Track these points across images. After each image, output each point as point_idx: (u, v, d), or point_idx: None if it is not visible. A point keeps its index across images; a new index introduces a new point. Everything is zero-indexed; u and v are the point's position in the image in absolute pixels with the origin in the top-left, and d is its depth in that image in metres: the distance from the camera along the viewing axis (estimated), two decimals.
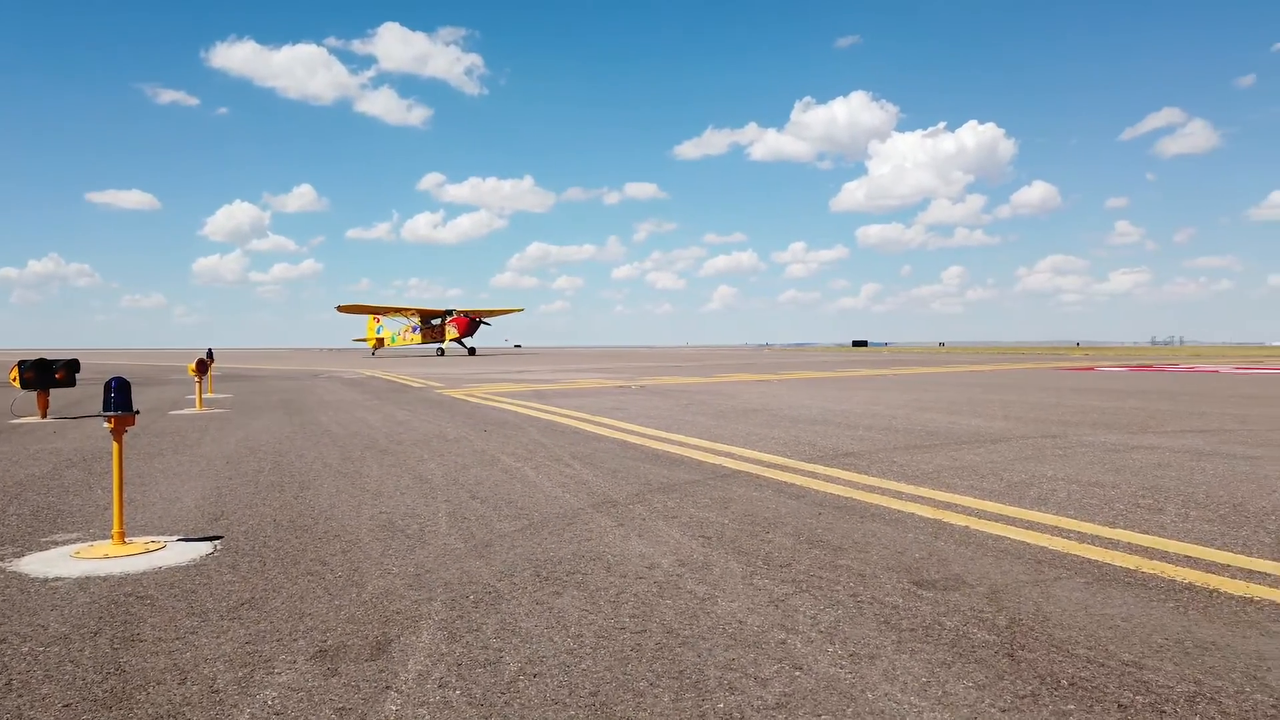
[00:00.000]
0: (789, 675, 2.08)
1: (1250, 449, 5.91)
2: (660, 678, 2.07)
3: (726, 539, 3.50)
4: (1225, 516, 3.77)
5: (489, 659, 2.20)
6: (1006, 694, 1.97)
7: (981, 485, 4.64)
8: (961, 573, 2.99)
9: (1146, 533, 3.52)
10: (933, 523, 3.77)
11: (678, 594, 2.76)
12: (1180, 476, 4.81)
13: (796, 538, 3.52)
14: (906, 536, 3.53)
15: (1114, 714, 1.87)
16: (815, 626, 2.44)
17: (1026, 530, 3.60)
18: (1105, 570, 3.01)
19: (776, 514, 3.98)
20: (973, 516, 3.86)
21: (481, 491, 4.58)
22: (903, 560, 3.16)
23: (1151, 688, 2.01)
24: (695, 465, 5.51)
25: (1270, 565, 3.01)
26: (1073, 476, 4.87)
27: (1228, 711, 1.88)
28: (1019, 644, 2.29)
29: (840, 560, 3.16)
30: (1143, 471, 5.01)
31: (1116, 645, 2.28)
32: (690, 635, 2.37)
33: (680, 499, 4.36)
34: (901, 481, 4.78)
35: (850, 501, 4.26)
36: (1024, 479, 4.81)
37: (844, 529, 3.67)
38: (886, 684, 2.03)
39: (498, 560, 3.19)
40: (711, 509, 4.10)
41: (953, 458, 5.69)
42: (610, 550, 3.32)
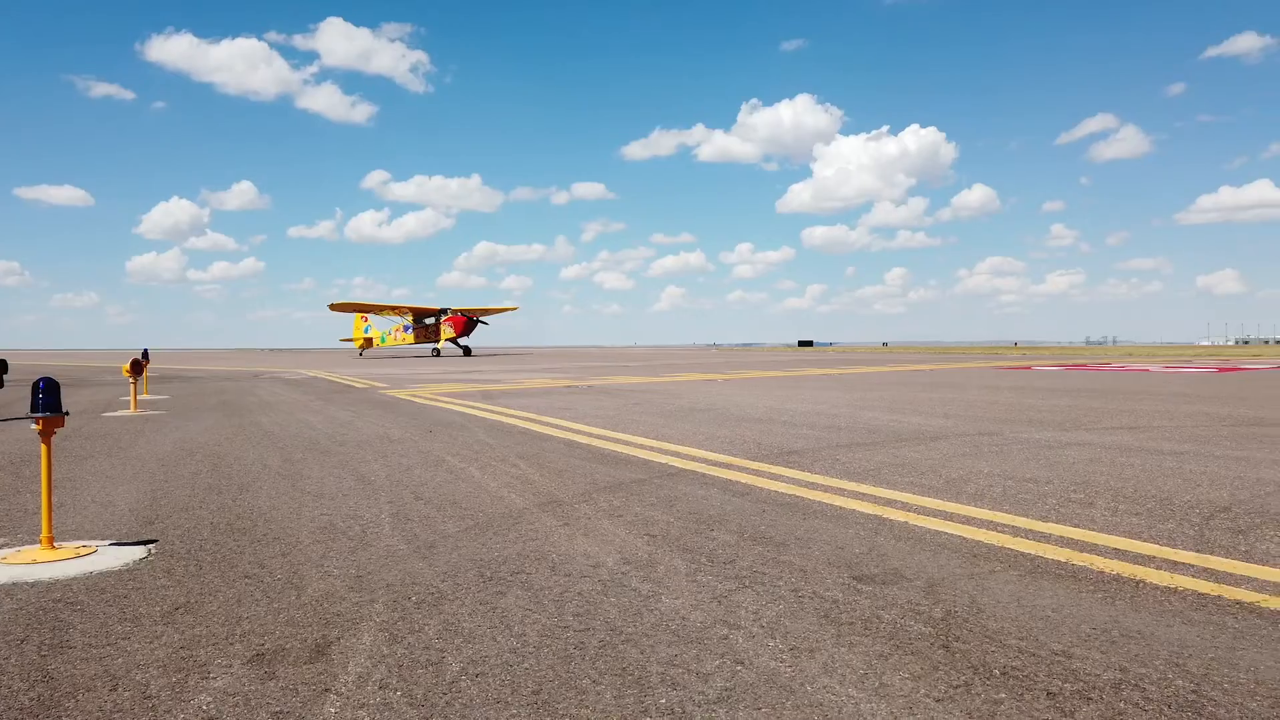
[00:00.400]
0: (730, 670, 2.11)
1: (1177, 445, 6.12)
2: (603, 675, 2.08)
3: (672, 537, 3.52)
4: (1152, 510, 3.91)
5: (431, 659, 2.19)
6: (941, 684, 2.02)
7: (921, 482, 4.74)
8: (900, 567, 3.05)
9: (1077, 526, 3.62)
10: (873, 519, 3.84)
11: (622, 592, 2.77)
12: (1110, 472, 4.96)
13: (741, 535, 3.55)
14: (848, 532, 3.58)
15: (1043, 701, 1.93)
16: (757, 621, 2.47)
17: (963, 525, 3.68)
18: (1038, 563, 3.09)
19: (722, 512, 4.02)
20: (912, 512, 3.94)
21: (426, 492, 4.54)
22: (843, 556, 3.21)
23: (1079, 675, 2.08)
24: (642, 464, 5.52)
25: (1193, 556, 3.13)
26: (1008, 473, 5.00)
27: (1150, 697, 1.95)
28: (954, 635, 2.35)
29: (783, 556, 3.20)
30: (1075, 467, 5.16)
31: (1047, 635, 2.35)
32: (634, 632, 2.38)
33: (626, 498, 4.37)
34: (844, 479, 4.86)
35: (794, 499, 4.32)
36: (961, 475, 4.92)
37: (787, 526, 3.72)
38: (825, 676, 2.07)
39: (441, 561, 3.16)
40: (657, 507, 4.12)
41: (894, 455, 5.80)
42: (555, 550, 3.32)
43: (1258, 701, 1.92)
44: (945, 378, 17.51)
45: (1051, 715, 1.86)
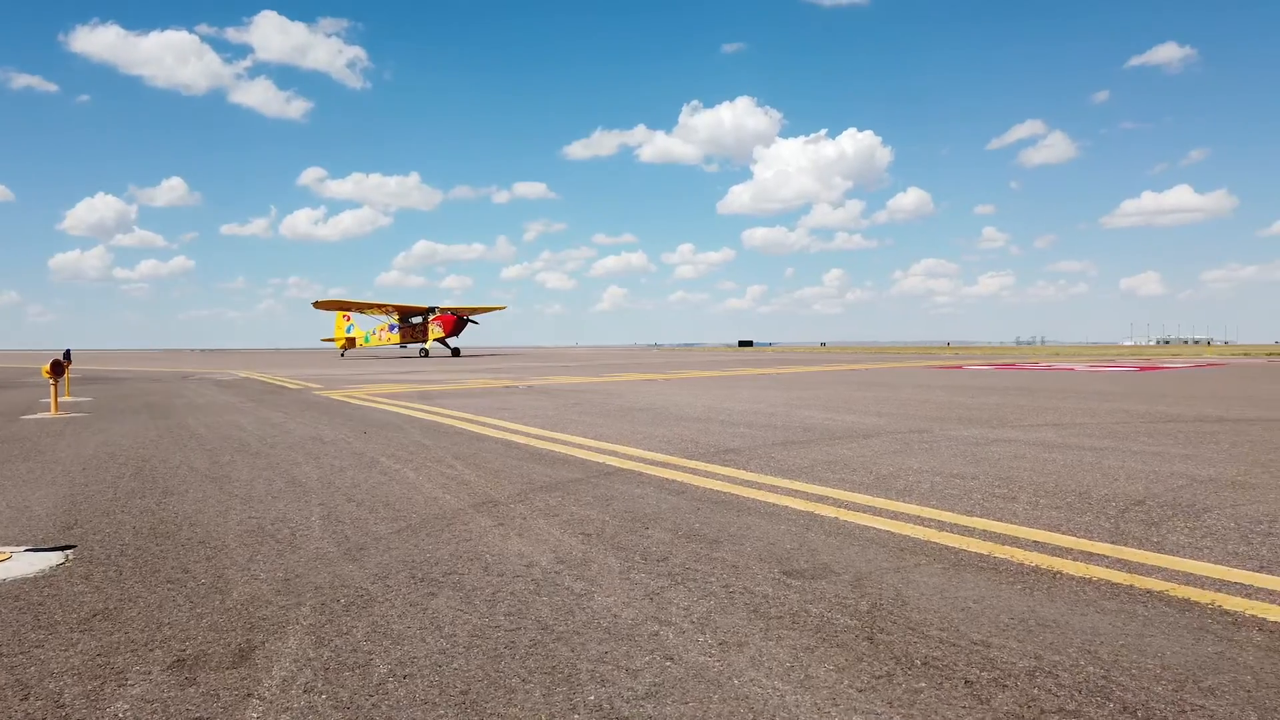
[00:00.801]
0: (660, 665, 2.13)
1: (1097, 441, 6.33)
2: (532, 673, 2.09)
3: (606, 535, 3.53)
4: (1071, 504, 4.04)
5: (358, 662, 2.16)
6: (864, 675, 2.07)
7: (852, 478, 4.82)
8: (829, 562, 3.11)
9: (1000, 520, 3.73)
10: (805, 515, 3.90)
11: (555, 591, 2.77)
12: (1033, 467, 5.12)
13: (675, 532, 3.58)
14: (780, 528, 3.64)
15: (961, 690, 1.99)
16: (688, 617, 2.49)
17: (891, 520, 3.76)
18: (961, 556, 3.18)
19: (657, 510, 4.04)
20: (843, 508, 4.02)
21: (358, 494, 4.48)
22: (775, 551, 3.26)
23: (996, 664, 2.14)
24: (579, 464, 5.52)
25: (1107, 548, 3.25)
26: (936, 469, 5.12)
27: (1063, 683, 2.03)
28: (878, 627, 2.41)
29: (716, 553, 3.24)
30: (1000, 463, 5.31)
31: (967, 626, 2.42)
32: (565, 631, 2.39)
33: (562, 497, 4.37)
34: (778, 476, 4.92)
35: (729, 496, 4.36)
36: (891, 471, 5.03)
37: (721, 523, 3.75)
38: (753, 670, 2.10)
39: (372, 563, 3.13)
40: (593, 507, 4.13)
41: (827, 452, 5.89)
42: (489, 550, 3.31)
43: (1163, 685, 2.01)
44: (880, 377, 17.83)
45: (969, 703, 1.92)
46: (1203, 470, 4.90)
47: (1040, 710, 1.88)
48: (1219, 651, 2.21)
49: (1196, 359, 32.55)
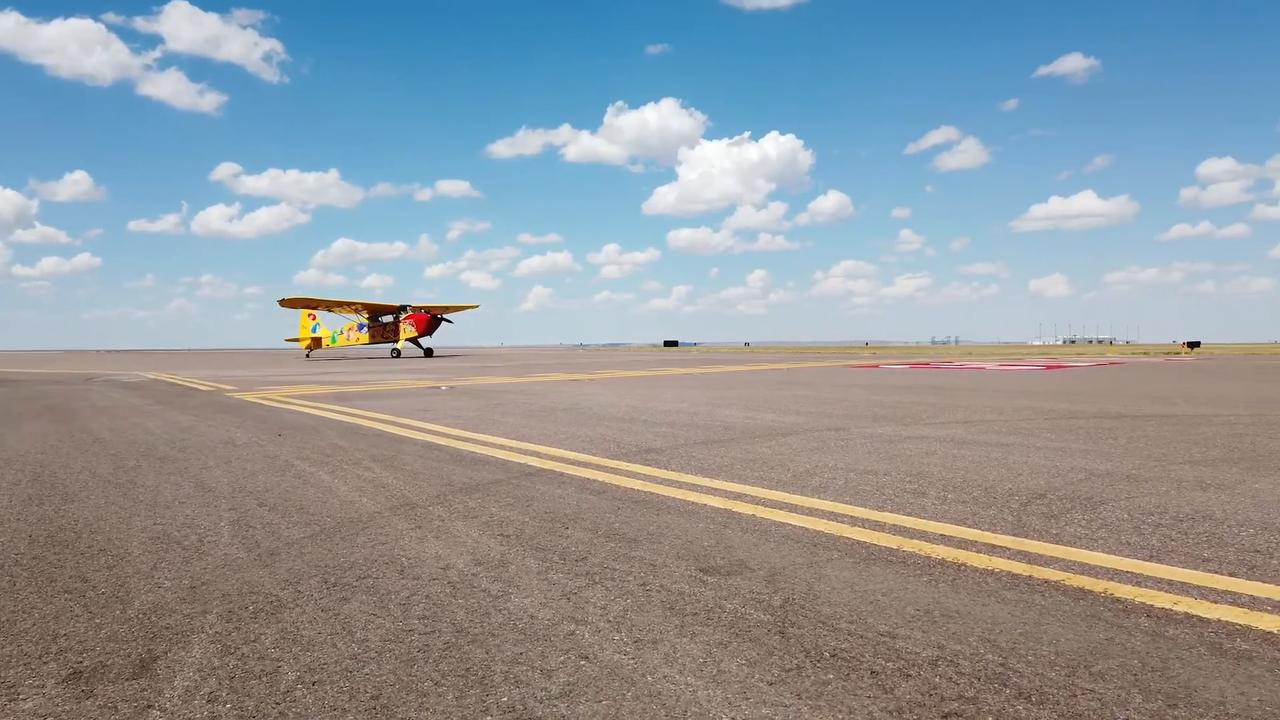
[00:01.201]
0: (575, 665, 2.14)
1: (1004, 437, 6.57)
2: (446, 676, 2.07)
3: (526, 536, 3.52)
4: (977, 498, 4.19)
5: (265, 670, 2.12)
6: (775, 668, 2.12)
7: (770, 476, 4.91)
8: (745, 558, 3.16)
9: (910, 515, 3.85)
10: (723, 512, 3.95)
11: (471, 593, 2.75)
12: (943, 463, 5.28)
13: (595, 532, 3.59)
14: (698, 526, 3.68)
15: (867, 680, 2.05)
16: (604, 616, 2.51)
17: (806, 516, 3.84)
18: (872, 550, 3.27)
19: (577, 510, 4.05)
20: (760, 505, 4.08)
21: (270, 499, 4.37)
22: (692, 549, 3.30)
23: (901, 654, 2.21)
24: (500, 465, 5.49)
25: (1010, 540, 3.38)
26: (851, 465, 5.24)
27: (963, 671, 2.11)
28: (790, 622, 2.46)
29: (634, 552, 3.26)
30: (911, 459, 5.47)
31: (875, 618, 2.49)
32: (480, 633, 2.38)
33: (483, 499, 4.34)
34: (698, 475, 4.98)
35: (649, 495, 4.39)
36: (808, 469, 5.13)
37: (640, 522, 3.78)
38: (666, 667, 2.12)
39: (283, 568, 3.06)
40: (513, 508, 4.11)
41: (747, 451, 5.98)
42: (405, 553, 3.27)
43: (1056, 671, 2.10)
44: (800, 376, 18.15)
45: (874, 693, 1.98)
46: (1101, 465, 5.13)
47: (941, 698, 1.95)
48: (1109, 637, 2.33)
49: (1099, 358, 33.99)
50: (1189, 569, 2.94)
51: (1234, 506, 3.90)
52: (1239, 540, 3.31)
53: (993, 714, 1.87)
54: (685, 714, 1.87)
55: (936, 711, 1.89)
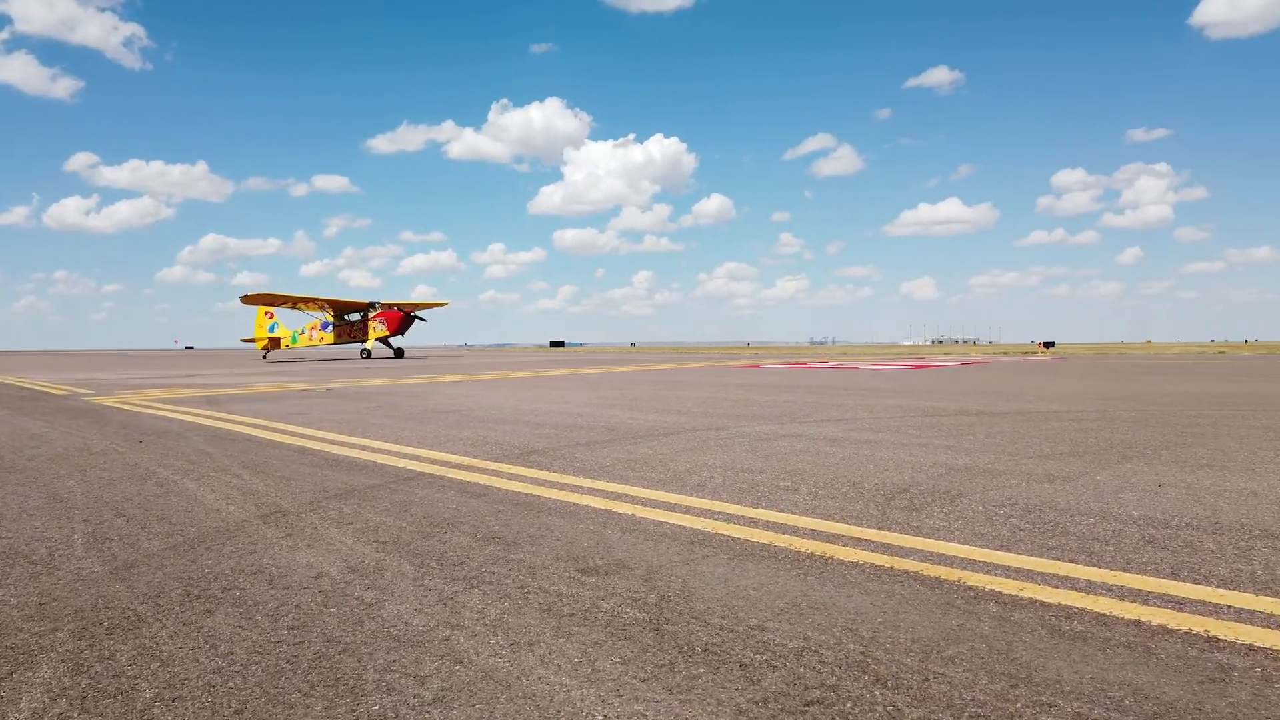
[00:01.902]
0: (449, 670, 2.13)
1: (872, 435, 6.86)
2: (315, 687, 2.03)
3: (402, 542, 3.47)
4: (845, 494, 4.36)
5: (121, 688, 2.03)
6: (648, 665, 2.17)
7: (650, 475, 4.98)
8: (624, 558, 3.21)
9: (783, 511, 3.98)
10: (603, 513, 3.99)
11: (344, 601, 2.70)
12: (815, 460, 5.48)
13: (473, 536, 3.57)
14: (578, 527, 3.71)
15: (736, 673, 2.12)
16: (481, 620, 2.50)
17: (685, 515, 3.92)
18: (745, 546, 3.37)
19: (456, 514, 4.01)
20: (640, 505, 4.14)
21: (129, 509, 4.15)
22: (571, 550, 3.32)
23: (769, 646, 2.30)
24: (378, 469, 5.38)
25: (874, 534, 3.54)
26: (729, 464, 5.38)
27: (826, 660, 2.20)
28: (664, 619, 2.52)
29: (513, 555, 3.26)
30: (786, 457, 5.64)
31: (746, 612, 2.58)
32: (352, 641, 2.34)
33: (358, 504, 4.24)
34: (579, 476, 5.00)
35: (530, 497, 4.39)
36: (687, 468, 5.24)
37: (520, 524, 3.78)
38: (541, 668, 2.14)
39: (142, 581, 2.92)
40: (390, 513, 4.04)
41: (629, 451, 6.04)
42: (275, 562, 3.17)
43: (911, 657, 2.22)
44: (684, 376, 18.42)
45: (741, 685, 2.05)
46: (960, 460, 5.43)
47: (805, 687, 2.04)
48: (960, 623, 2.48)
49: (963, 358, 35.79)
50: (1035, 557, 3.15)
51: (1077, 497, 4.20)
52: (1080, 529, 3.56)
53: (851, 700, 1.97)
54: (558, 714, 1.90)
55: (800, 700, 1.97)
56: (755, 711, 1.91)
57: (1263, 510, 3.84)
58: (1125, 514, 3.81)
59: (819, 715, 1.89)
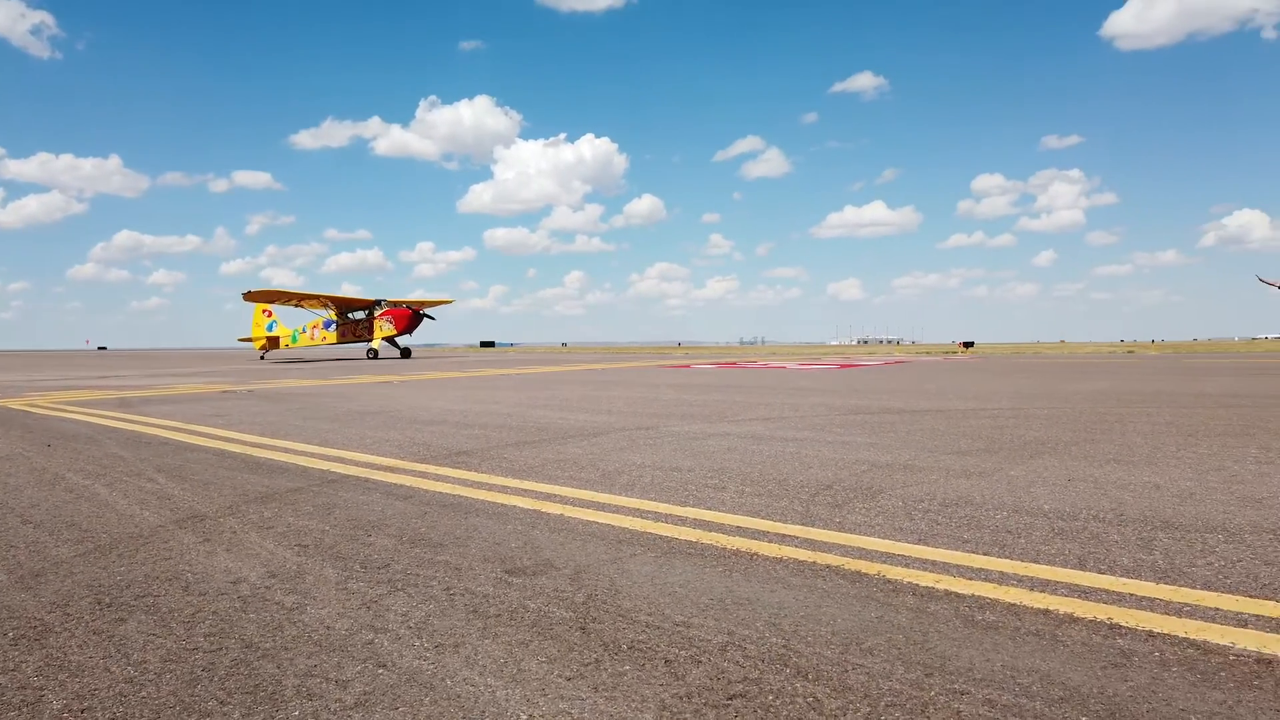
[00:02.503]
0: (372, 674, 2.11)
1: (798, 433, 6.98)
2: (232, 694, 1.99)
3: (325, 546, 3.41)
4: (771, 491, 4.44)
5: (26, 700, 1.95)
6: (574, 663, 2.18)
7: (580, 475, 4.99)
8: (552, 558, 3.21)
9: (710, 509, 4.03)
10: (532, 513, 3.99)
11: (264, 607, 2.64)
12: (743, 458, 5.55)
13: (399, 538, 3.53)
14: (506, 528, 3.69)
15: (661, 669, 2.15)
16: (405, 623, 2.48)
17: (613, 514, 3.94)
18: (673, 544, 3.40)
19: (382, 516, 3.96)
20: (568, 505, 4.15)
21: (36, 515, 3.99)
22: (499, 551, 3.31)
23: (694, 642, 2.33)
24: (301, 472, 5.27)
25: (798, 529, 3.61)
26: (658, 463, 5.41)
27: (749, 654, 2.24)
28: (591, 617, 2.53)
29: (439, 556, 3.23)
30: (714, 455, 5.71)
31: (672, 609, 2.61)
32: (272, 647, 2.29)
33: (280, 508, 4.15)
34: (508, 476, 4.98)
35: (458, 499, 4.36)
36: (617, 467, 5.26)
37: (447, 526, 3.75)
38: (467, 670, 2.14)
39: (50, 590, 2.81)
40: (313, 516, 3.96)
41: (558, 451, 6.04)
42: (191, 568, 3.09)
43: (832, 649, 2.28)
44: (614, 376, 18.45)
45: (666, 680, 2.08)
46: (882, 456, 5.56)
47: (728, 681, 2.08)
48: (879, 615, 2.54)
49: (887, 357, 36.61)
50: (951, 550, 3.25)
51: (991, 492, 4.34)
52: (994, 522, 3.69)
53: (773, 693, 2.01)
54: (483, 715, 1.89)
55: (723, 694, 2.00)
56: (679, 706, 1.94)
57: (1164, 502, 4.03)
58: (1036, 507, 3.96)
59: (741, 709, 1.93)
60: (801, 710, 1.92)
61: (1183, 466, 5.03)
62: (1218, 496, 4.13)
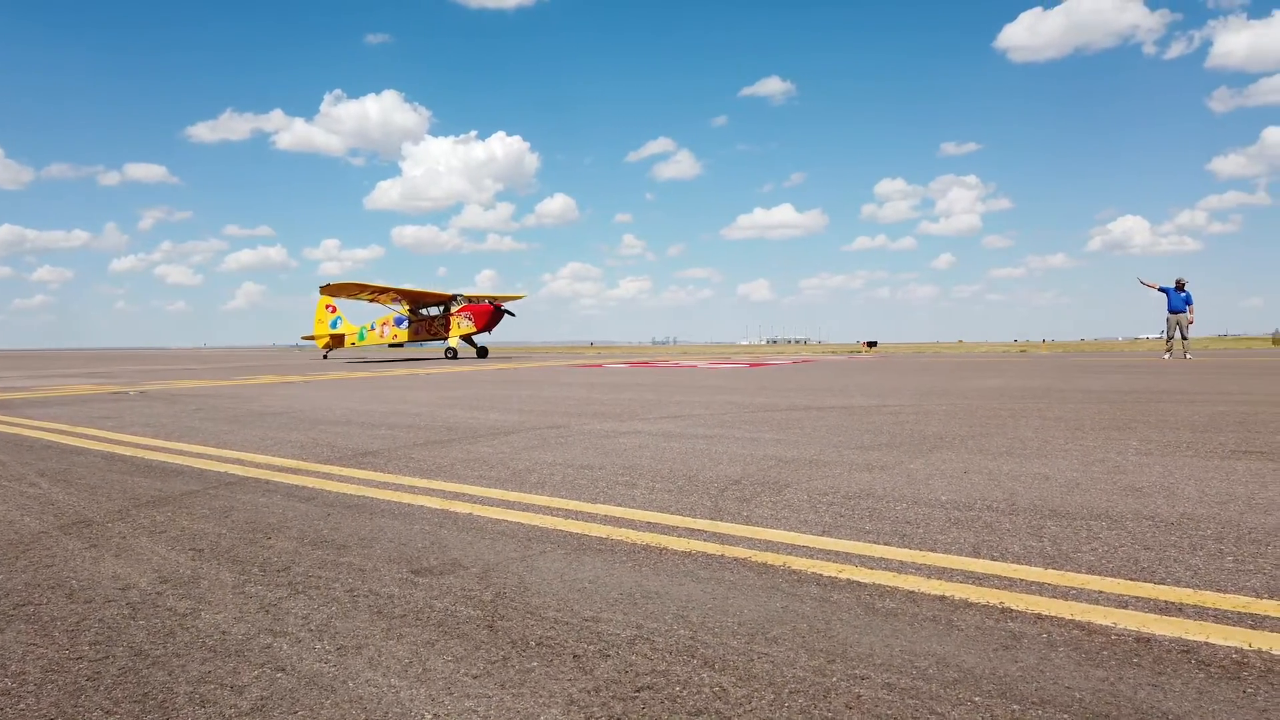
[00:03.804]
0: (269, 678, 2.05)
1: (708, 430, 7.06)
2: (119, 704, 1.90)
3: (222, 549, 3.29)
4: (681, 487, 4.48)
5: None
6: (481, 662, 2.15)
7: (490, 474, 4.94)
8: (459, 557, 3.17)
9: (621, 505, 4.04)
10: (440, 513, 3.93)
11: (155, 613, 2.54)
12: (654, 456, 5.59)
13: (301, 540, 3.43)
14: (413, 528, 3.63)
15: (569, 664, 2.15)
16: (306, 626, 2.41)
17: (523, 512, 3.92)
18: (583, 541, 3.40)
19: (283, 518, 3.84)
20: (478, 504, 4.10)
21: None
22: (405, 551, 3.25)
23: (603, 636, 2.33)
24: (197, 475, 5.07)
25: (707, 524, 3.65)
26: (569, 461, 5.40)
27: (657, 647, 2.26)
28: (499, 615, 2.51)
29: (343, 558, 3.16)
30: (626, 453, 5.73)
31: (581, 604, 2.60)
32: (163, 654, 2.20)
33: (173, 512, 3.99)
34: (416, 476, 4.90)
35: (363, 500, 4.26)
36: (527, 466, 5.22)
37: (352, 527, 3.66)
38: (370, 671, 2.09)
39: None
40: (209, 520, 3.82)
41: (468, 451, 5.96)
42: (76, 575, 2.94)
43: (738, 640, 2.31)
44: (526, 375, 18.33)
45: (574, 675, 2.08)
46: (789, 452, 5.67)
47: (636, 674, 2.09)
48: (784, 606, 2.60)
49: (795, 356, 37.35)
50: (853, 540, 3.34)
51: (892, 484, 4.48)
52: (894, 513, 3.81)
53: (680, 684, 2.03)
54: (386, 716, 1.86)
55: (631, 686, 2.01)
56: (586, 700, 1.94)
57: (1053, 492, 4.22)
58: (934, 498, 4.10)
59: (649, 700, 1.94)
60: (707, 700, 1.94)
61: (1070, 458, 5.27)
62: (1101, 486, 4.35)
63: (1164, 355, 24.91)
